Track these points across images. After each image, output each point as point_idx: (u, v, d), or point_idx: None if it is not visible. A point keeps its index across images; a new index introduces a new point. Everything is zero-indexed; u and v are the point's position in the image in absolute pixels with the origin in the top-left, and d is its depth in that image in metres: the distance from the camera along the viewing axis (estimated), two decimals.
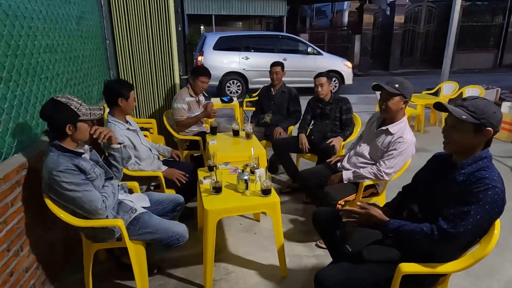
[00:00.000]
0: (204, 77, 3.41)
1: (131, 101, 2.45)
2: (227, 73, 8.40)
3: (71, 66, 2.71)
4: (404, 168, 2.37)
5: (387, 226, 1.51)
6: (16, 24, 1.92)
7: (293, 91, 3.89)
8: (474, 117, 1.37)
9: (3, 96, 1.78)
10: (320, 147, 3.14)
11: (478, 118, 1.37)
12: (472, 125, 1.38)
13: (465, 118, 1.37)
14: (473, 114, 1.37)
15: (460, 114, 1.38)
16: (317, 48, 9.18)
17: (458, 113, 1.39)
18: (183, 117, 3.35)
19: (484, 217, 1.34)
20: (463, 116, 1.37)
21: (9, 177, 1.72)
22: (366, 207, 1.61)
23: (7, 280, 1.68)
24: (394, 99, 2.20)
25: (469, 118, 1.37)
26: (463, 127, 1.40)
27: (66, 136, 1.75)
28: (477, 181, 1.35)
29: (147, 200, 2.18)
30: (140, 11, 3.58)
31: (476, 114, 1.37)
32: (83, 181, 1.74)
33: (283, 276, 2.22)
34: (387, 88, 2.17)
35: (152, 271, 2.20)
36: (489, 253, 1.36)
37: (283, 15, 16.32)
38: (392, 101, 2.21)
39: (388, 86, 2.19)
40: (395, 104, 2.21)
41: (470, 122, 1.37)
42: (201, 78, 3.39)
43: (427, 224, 1.43)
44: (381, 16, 14.19)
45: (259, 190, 2.09)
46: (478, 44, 14.49)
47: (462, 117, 1.37)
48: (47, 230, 2.08)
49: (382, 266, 1.52)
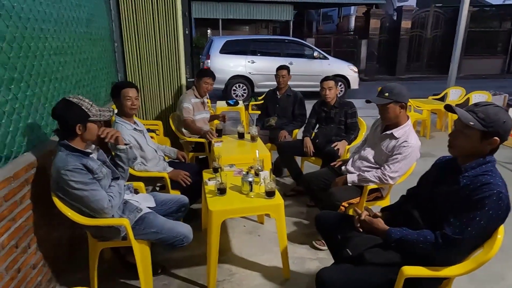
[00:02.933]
0: (207, 78, 3.46)
1: (123, 100, 2.45)
2: (233, 77, 8.45)
3: (80, 68, 2.76)
4: (409, 172, 2.37)
5: (390, 236, 1.52)
6: (28, 27, 1.97)
7: (299, 95, 3.91)
8: (482, 124, 1.35)
9: (15, 96, 1.82)
10: (325, 150, 3.14)
11: (486, 126, 1.35)
12: (479, 132, 1.37)
13: (472, 125, 1.36)
14: (481, 121, 1.36)
15: (468, 120, 1.37)
16: (323, 53, 9.20)
17: (466, 118, 1.38)
18: (190, 117, 3.39)
19: (489, 223, 1.34)
20: (471, 122, 1.36)
21: (19, 175, 1.75)
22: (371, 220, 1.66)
23: (15, 276, 1.72)
24: (389, 108, 2.21)
25: (477, 124, 1.35)
26: (470, 132, 1.39)
27: (76, 135, 1.79)
28: (481, 186, 1.35)
29: (152, 200, 2.21)
30: (148, 14, 3.64)
31: (484, 122, 1.35)
32: (90, 180, 1.77)
33: (286, 278, 2.23)
34: (377, 101, 2.20)
35: (156, 271, 2.22)
36: (492, 257, 1.35)
37: (290, 19, 16.38)
38: (387, 110, 2.23)
39: (378, 98, 2.22)
40: (391, 112, 2.23)
41: (476, 128, 1.36)
42: (205, 79, 3.44)
43: (429, 231, 1.44)
44: (388, 21, 14.17)
45: (263, 192, 2.10)
46: (485, 50, 14.39)
47: (470, 123, 1.36)
48: (54, 228, 2.12)
49: (384, 269, 1.53)
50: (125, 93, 2.45)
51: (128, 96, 2.46)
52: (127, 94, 2.46)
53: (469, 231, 1.34)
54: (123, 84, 2.55)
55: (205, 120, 3.62)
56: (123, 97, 2.46)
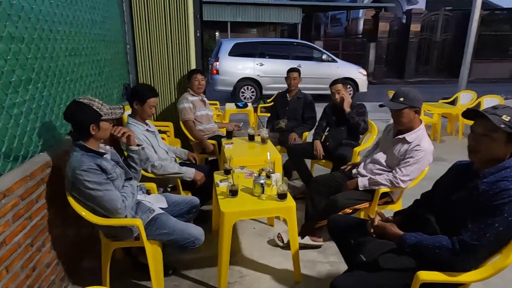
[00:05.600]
0: (197, 74, 3.47)
1: (146, 107, 2.50)
2: (241, 79, 8.48)
3: (94, 69, 2.79)
4: (421, 176, 2.35)
5: (405, 242, 1.51)
6: (45, 28, 2.00)
7: (309, 97, 3.91)
8: (510, 127, 1.35)
9: (32, 96, 1.85)
10: (335, 153, 3.13)
11: None
12: (506, 135, 1.36)
13: (503, 127, 1.35)
14: (509, 123, 1.35)
15: (499, 123, 1.35)
16: (332, 56, 9.19)
17: (497, 121, 1.36)
18: (191, 117, 3.40)
19: (508, 229, 1.33)
20: (502, 125, 1.35)
21: (35, 175, 1.78)
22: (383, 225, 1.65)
23: (30, 275, 1.74)
24: (404, 113, 2.20)
25: (507, 127, 1.35)
26: (496, 136, 1.38)
27: (90, 136, 1.81)
28: (500, 192, 1.33)
29: (164, 201, 2.22)
30: (160, 17, 3.67)
31: (511, 124, 1.35)
32: (104, 180, 1.79)
33: (297, 281, 2.22)
34: (392, 106, 2.19)
35: (167, 272, 2.23)
36: (511, 264, 1.34)
37: (298, 22, 16.38)
38: (402, 115, 2.21)
39: (393, 103, 2.20)
40: (406, 117, 2.22)
41: (505, 131, 1.35)
42: (195, 76, 3.46)
43: (445, 237, 1.42)
44: (397, 24, 14.12)
45: (275, 194, 2.10)
46: (496, 54, 14.25)
47: (501, 126, 1.35)
48: (68, 228, 2.14)
49: (398, 274, 1.51)
50: (151, 102, 2.51)
51: (153, 105, 2.52)
52: (153, 104, 2.52)
53: (487, 237, 1.32)
54: (150, 91, 2.54)
55: (209, 117, 3.61)
56: (147, 105, 2.50)
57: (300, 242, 2.44)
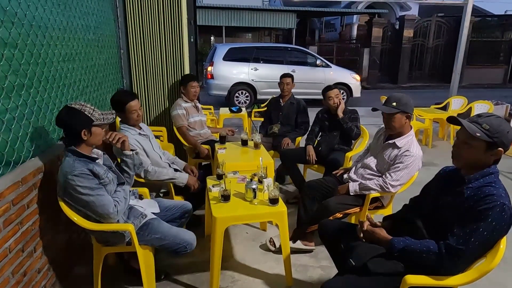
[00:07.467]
0: (193, 81, 3.49)
1: (128, 113, 2.48)
2: (236, 84, 8.50)
3: (87, 75, 2.80)
4: (411, 181, 2.38)
5: (393, 246, 1.53)
6: (38, 34, 2.02)
7: (302, 103, 3.94)
8: (488, 135, 1.38)
9: (24, 102, 1.86)
10: (327, 158, 3.16)
11: (491, 136, 1.38)
12: (484, 143, 1.40)
13: (479, 136, 1.38)
14: (487, 132, 1.38)
15: (474, 131, 1.39)
16: (326, 61, 9.26)
17: (472, 129, 1.40)
18: (184, 124, 3.42)
19: (492, 234, 1.36)
20: (477, 133, 1.39)
21: (26, 180, 1.78)
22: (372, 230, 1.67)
23: (21, 280, 1.73)
24: (396, 118, 2.24)
25: (483, 135, 1.38)
26: (475, 143, 1.41)
27: (82, 141, 1.82)
28: (485, 198, 1.37)
29: (156, 206, 2.22)
30: (154, 22, 3.69)
31: (490, 133, 1.38)
32: (96, 185, 1.80)
33: (289, 285, 2.24)
34: (385, 109, 2.22)
35: (160, 277, 2.23)
36: (495, 267, 1.37)
37: (293, 27, 16.50)
38: (393, 120, 2.25)
39: (386, 107, 2.24)
40: (397, 122, 2.26)
41: (482, 139, 1.39)
42: (191, 83, 3.47)
43: (432, 242, 1.46)
44: (390, 30, 14.27)
45: (266, 199, 2.12)
46: (487, 60, 14.45)
47: (476, 134, 1.38)
48: (59, 233, 2.14)
49: (387, 278, 1.54)
50: (130, 107, 2.47)
51: (134, 109, 2.48)
52: (132, 108, 2.47)
53: (473, 241, 1.35)
54: (125, 97, 2.50)
55: (202, 123, 3.63)
56: (129, 111, 2.47)
57: (292, 246, 2.46)
